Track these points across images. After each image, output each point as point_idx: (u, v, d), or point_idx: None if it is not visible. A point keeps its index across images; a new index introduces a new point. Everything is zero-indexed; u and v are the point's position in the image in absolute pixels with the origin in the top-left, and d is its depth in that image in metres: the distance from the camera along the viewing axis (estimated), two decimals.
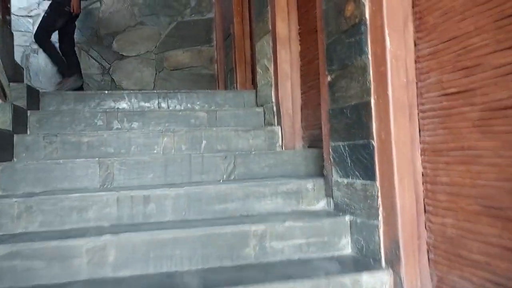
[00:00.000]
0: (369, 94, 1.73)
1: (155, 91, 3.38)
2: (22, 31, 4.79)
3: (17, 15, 4.79)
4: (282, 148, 2.91)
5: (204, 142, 2.80)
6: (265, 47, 3.17)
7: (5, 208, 1.93)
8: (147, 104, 3.36)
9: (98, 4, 5.01)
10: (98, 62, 4.96)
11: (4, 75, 2.71)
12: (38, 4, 4.83)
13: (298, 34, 2.97)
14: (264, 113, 3.19)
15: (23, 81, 3.18)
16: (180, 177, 2.42)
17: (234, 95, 3.51)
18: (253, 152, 2.54)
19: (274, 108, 3.03)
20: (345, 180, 1.95)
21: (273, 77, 3.05)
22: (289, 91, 2.95)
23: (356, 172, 1.84)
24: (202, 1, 5.29)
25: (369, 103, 1.73)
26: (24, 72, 4.74)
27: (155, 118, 3.04)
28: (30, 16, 4.82)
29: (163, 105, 3.37)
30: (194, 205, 2.10)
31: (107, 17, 5.01)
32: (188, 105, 3.41)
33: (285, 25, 2.95)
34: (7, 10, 3.19)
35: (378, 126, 1.69)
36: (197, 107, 3.41)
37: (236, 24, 4.27)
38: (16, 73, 3.02)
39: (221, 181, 2.43)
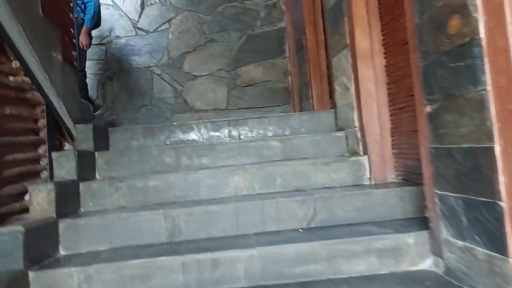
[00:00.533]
0: (491, 138, 1.29)
1: (225, 120, 3.13)
2: (96, 60, 4.83)
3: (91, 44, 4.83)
4: (370, 181, 2.50)
5: (278, 179, 2.48)
6: (343, 63, 2.77)
7: (64, 278, 1.76)
8: (217, 134, 3.12)
9: (167, 25, 4.92)
10: (170, 84, 4.86)
11: (69, 119, 2.61)
12: (110, 31, 4.84)
13: (382, 46, 2.54)
14: (346, 139, 2.79)
15: (92, 120, 3.10)
16: (253, 226, 2.12)
17: (310, 117, 3.16)
18: (336, 194, 2.16)
19: (358, 134, 2.63)
20: (460, 242, 1.51)
21: (354, 98, 2.64)
22: (375, 114, 2.53)
23: (476, 236, 1.41)
24: (272, 10, 4.99)
25: (491, 150, 1.30)
26: (100, 100, 4.79)
27: (225, 151, 2.78)
28: (103, 44, 4.85)
29: (234, 133, 3.12)
30: (270, 268, 1.79)
31: (177, 37, 4.90)
32: (260, 131, 3.12)
33: (366, 37, 2.54)
34: (72, 45, 3.12)
35: (508, 183, 1.25)
36: (269, 133, 3.11)
37: (309, 34, 3.90)
38: (83, 113, 2.93)
39: (300, 230, 2.09)
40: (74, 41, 3.15)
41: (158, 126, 3.14)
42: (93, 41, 4.84)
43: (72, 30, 3.14)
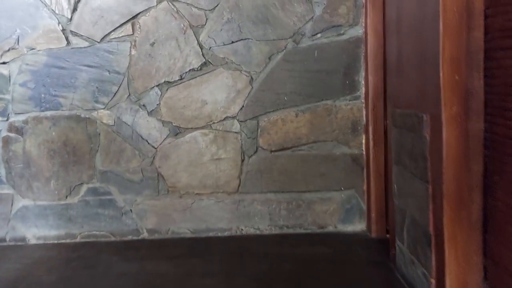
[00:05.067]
0: None
1: None
2: None
3: None
4: None
5: None
6: None
7: None
8: None
9: (129, 28, 2.54)
10: (131, 145, 2.58)
11: None
12: (18, 38, 2.49)
13: None
14: None
15: None
16: None
17: None
18: None
19: None
20: None
21: None
22: None
23: None
24: (337, 5, 2.50)
25: None
26: (2, 171, 2.60)
27: None
28: (4, 63, 2.54)
29: None
30: None
31: (147, 53, 2.55)
32: None
33: None
34: None
35: None
36: None
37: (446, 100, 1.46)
38: None
39: None
40: None
41: None
42: None
43: None
